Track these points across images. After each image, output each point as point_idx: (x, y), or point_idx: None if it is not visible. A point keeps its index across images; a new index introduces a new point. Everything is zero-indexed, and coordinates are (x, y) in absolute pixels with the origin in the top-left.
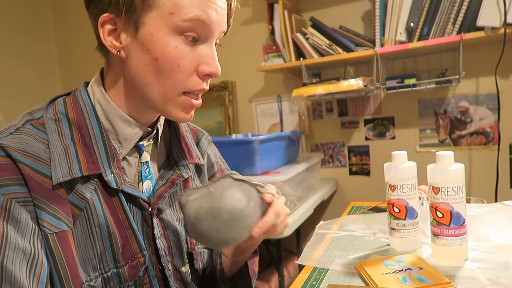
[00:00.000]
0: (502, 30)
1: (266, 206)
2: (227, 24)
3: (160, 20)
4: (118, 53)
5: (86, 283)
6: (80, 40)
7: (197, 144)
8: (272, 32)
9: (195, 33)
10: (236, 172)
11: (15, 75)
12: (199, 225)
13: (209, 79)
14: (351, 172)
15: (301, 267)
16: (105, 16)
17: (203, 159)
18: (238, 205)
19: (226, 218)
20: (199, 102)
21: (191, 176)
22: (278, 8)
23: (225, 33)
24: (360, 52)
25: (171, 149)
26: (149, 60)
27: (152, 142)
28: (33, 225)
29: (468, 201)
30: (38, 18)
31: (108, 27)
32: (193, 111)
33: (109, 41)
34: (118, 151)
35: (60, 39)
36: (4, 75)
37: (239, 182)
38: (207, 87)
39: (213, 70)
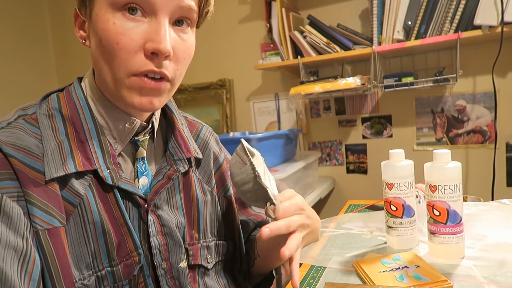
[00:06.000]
0: (499, 29)
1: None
2: (197, 2)
3: None
4: (84, 42)
5: (79, 282)
6: (77, 41)
7: (198, 136)
8: (270, 30)
9: (135, 3)
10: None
11: (12, 76)
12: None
13: (162, 60)
14: (349, 171)
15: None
16: (74, 10)
17: (205, 151)
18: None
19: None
20: (154, 83)
21: (191, 169)
22: (275, 6)
23: (200, 13)
24: (358, 51)
25: (168, 144)
26: (97, 43)
27: (148, 137)
28: (26, 221)
29: (464, 200)
30: (36, 20)
31: (79, 20)
32: (155, 98)
33: (79, 33)
34: (113, 147)
35: (58, 40)
36: (1, 76)
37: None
38: (159, 69)
39: (156, 46)
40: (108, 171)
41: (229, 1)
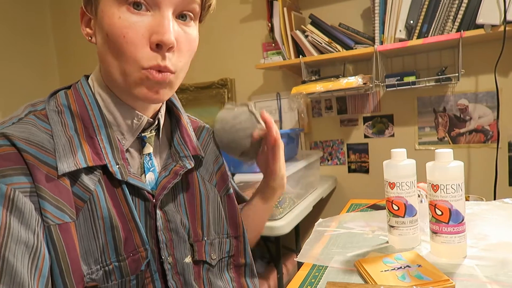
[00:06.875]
0: (501, 28)
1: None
2: None
3: None
4: (90, 39)
5: (88, 276)
6: (79, 40)
7: (200, 135)
8: (272, 30)
9: None
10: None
11: (14, 75)
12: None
13: (166, 53)
14: (350, 170)
15: (300, 264)
16: (81, 8)
17: (207, 150)
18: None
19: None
20: (160, 76)
21: (194, 167)
22: (277, 5)
23: (203, 6)
24: (360, 50)
25: (173, 140)
26: (104, 38)
27: (154, 133)
28: (37, 217)
29: (467, 199)
30: (37, 19)
31: (85, 18)
32: (161, 89)
33: (86, 30)
34: (121, 143)
35: (59, 40)
36: (3, 75)
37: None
38: (164, 63)
39: (160, 37)
40: (117, 166)
41: (231, 0)
